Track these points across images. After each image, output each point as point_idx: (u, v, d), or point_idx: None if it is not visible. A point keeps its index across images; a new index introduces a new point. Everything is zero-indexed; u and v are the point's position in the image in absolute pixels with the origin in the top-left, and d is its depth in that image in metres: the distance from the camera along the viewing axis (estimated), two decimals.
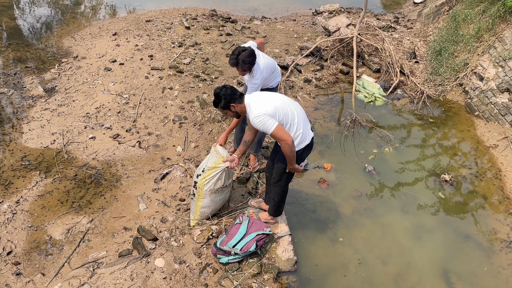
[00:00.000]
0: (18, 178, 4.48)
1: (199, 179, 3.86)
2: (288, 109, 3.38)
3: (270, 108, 3.27)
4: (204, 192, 3.86)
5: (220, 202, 4.11)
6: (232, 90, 3.37)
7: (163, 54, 7.04)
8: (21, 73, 6.37)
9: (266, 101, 3.32)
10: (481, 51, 6.87)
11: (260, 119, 3.21)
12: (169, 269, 3.62)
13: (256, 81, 4.11)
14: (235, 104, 3.36)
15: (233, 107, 3.38)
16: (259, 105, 3.28)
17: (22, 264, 3.62)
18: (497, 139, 5.77)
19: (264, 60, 4.20)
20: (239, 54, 3.90)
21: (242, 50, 3.91)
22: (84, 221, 4.06)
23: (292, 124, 3.40)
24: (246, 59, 3.90)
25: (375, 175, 5.13)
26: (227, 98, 3.34)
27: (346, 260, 4.08)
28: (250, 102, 3.35)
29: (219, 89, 3.39)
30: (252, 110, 3.28)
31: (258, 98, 3.37)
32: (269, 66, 4.26)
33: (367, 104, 6.59)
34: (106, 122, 5.38)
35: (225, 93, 3.35)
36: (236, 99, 3.36)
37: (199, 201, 3.93)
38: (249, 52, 3.91)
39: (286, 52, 7.60)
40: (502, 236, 4.44)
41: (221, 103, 3.36)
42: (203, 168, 3.88)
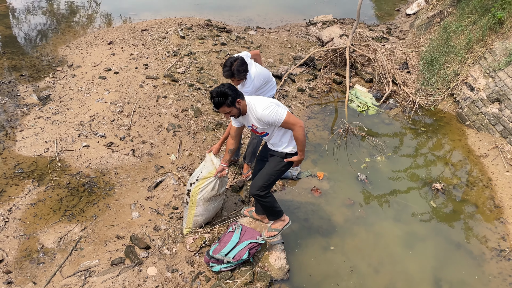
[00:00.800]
0: (11, 186, 4.47)
1: (192, 187, 3.88)
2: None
3: (273, 100, 3.38)
4: (198, 200, 3.87)
5: (214, 210, 4.12)
6: (233, 87, 3.34)
7: (158, 63, 7.08)
8: (15, 81, 6.38)
9: (267, 98, 3.45)
10: (472, 61, 6.98)
11: (270, 109, 3.24)
12: (162, 277, 3.62)
13: (246, 89, 4.13)
14: (240, 100, 3.33)
15: (238, 103, 3.32)
16: (263, 99, 3.35)
17: (13, 272, 3.60)
18: (488, 148, 5.84)
19: (256, 70, 4.23)
20: (231, 64, 3.95)
21: (234, 60, 3.96)
22: (76, 230, 4.06)
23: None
24: (240, 68, 3.95)
25: (368, 184, 5.17)
26: (233, 94, 3.27)
27: (339, 268, 4.10)
28: (251, 99, 3.38)
29: (221, 87, 3.30)
30: (258, 104, 3.31)
31: (258, 97, 3.45)
32: (262, 75, 4.29)
33: (360, 113, 6.66)
34: (100, 130, 5.39)
35: (229, 90, 3.27)
36: (240, 94, 3.34)
37: (192, 209, 3.94)
38: (241, 61, 3.97)
39: (280, 61, 7.68)
40: (492, 244, 4.48)
41: (229, 99, 3.24)
42: (197, 177, 3.90)
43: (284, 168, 3.64)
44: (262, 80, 4.30)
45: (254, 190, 3.64)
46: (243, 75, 4.01)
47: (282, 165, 3.61)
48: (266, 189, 3.64)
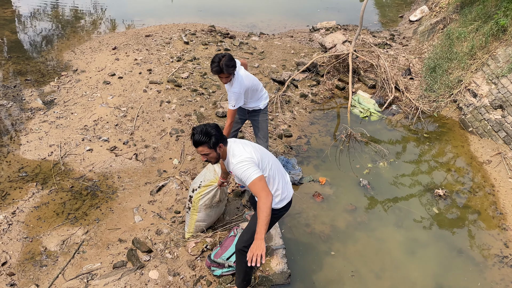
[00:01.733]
0: (15, 189, 4.51)
1: (194, 194, 3.92)
2: (268, 164, 3.11)
3: (255, 155, 2.99)
4: (199, 207, 3.91)
5: (215, 215, 4.15)
6: (219, 130, 3.02)
7: (161, 68, 7.14)
8: (20, 86, 6.45)
9: (250, 148, 3.05)
10: (475, 68, 6.99)
11: (243, 165, 2.87)
12: (163, 281, 3.63)
13: (235, 89, 4.06)
14: (223, 144, 3.01)
15: (219, 148, 3.00)
16: (243, 151, 2.98)
17: (16, 275, 3.63)
18: (491, 155, 5.83)
19: (246, 72, 4.21)
20: (220, 60, 3.88)
21: (222, 56, 3.90)
22: (79, 233, 4.08)
23: (272, 181, 3.10)
24: (229, 63, 3.89)
25: (370, 190, 5.18)
26: (217, 135, 2.96)
27: (340, 273, 4.09)
28: (233, 146, 3.04)
29: (206, 126, 2.98)
30: (236, 154, 2.97)
31: (241, 145, 3.06)
32: (251, 78, 4.24)
33: (362, 119, 6.67)
34: (104, 134, 5.44)
35: (214, 130, 2.96)
36: (224, 139, 3.03)
37: (194, 215, 3.97)
38: (229, 56, 3.92)
39: (283, 67, 7.72)
40: (495, 251, 4.46)
41: (212, 140, 2.92)
42: (199, 184, 3.93)
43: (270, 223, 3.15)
44: (251, 82, 4.22)
45: (240, 245, 3.26)
46: (231, 70, 3.93)
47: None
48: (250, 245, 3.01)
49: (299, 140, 5.95)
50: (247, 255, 2.71)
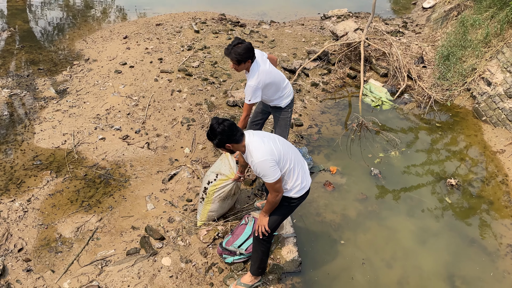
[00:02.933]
0: (30, 177, 4.58)
1: (209, 186, 3.92)
2: (288, 155, 3.12)
3: (275, 153, 2.97)
4: (214, 198, 3.94)
5: (228, 207, 4.21)
6: (230, 129, 2.92)
7: (172, 57, 7.14)
8: (33, 75, 6.51)
9: (269, 144, 2.99)
10: (489, 56, 6.86)
11: (263, 164, 2.89)
12: (176, 268, 3.69)
13: (250, 83, 3.87)
14: (232, 144, 2.98)
15: (228, 147, 3.00)
16: (263, 148, 2.93)
17: (32, 261, 3.71)
18: (504, 144, 5.76)
19: (268, 67, 4.00)
20: (235, 45, 3.72)
21: (240, 42, 3.73)
22: (93, 220, 4.15)
23: (292, 172, 3.13)
24: (239, 51, 3.69)
25: (381, 179, 5.16)
26: (223, 137, 2.92)
27: (351, 262, 4.11)
28: (252, 142, 2.98)
29: (217, 124, 2.93)
30: (254, 152, 2.93)
31: (260, 139, 3.00)
32: (272, 75, 4.02)
33: (374, 108, 6.62)
34: (116, 123, 5.48)
35: (222, 131, 2.90)
36: (234, 139, 2.95)
37: (207, 205, 4.00)
38: (245, 46, 3.71)
39: (294, 56, 7.66)
40: (507, 241, 4.43)
41: (215, 141, 2.94)
42: (214, 177, 3.92)
43: (286, 211, 3.33)
44: (272, 79, 4.00)
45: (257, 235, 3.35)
46: (236, 58, 3.71)
47: (284, 208, 3.29)
48: (269, 233, 3.32)
49: (310, 129, 5.93)
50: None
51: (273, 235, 3.47)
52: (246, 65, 3.84)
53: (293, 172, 3.14)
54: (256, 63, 3.90)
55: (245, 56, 3.74)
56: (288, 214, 3.39)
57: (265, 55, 4.12)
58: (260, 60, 3.96)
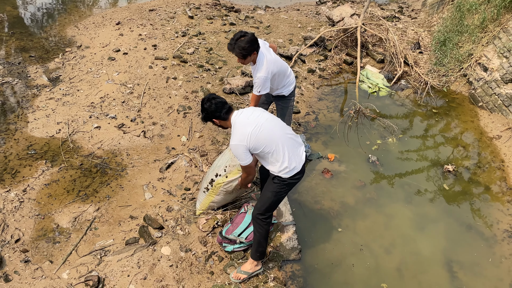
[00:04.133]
0: (25, 167, 4.51)
1: (217, 178, 3.81)
2: (274, 140, 3.15)
3: (251, 139, 3.09)
4: (219, 191, 3.85)
5: (231, 199, 4.13)
6: (217, 106, 3.16)
7: (166, 43, 7.02)
8: (25, 62, 6.38)
9: (248, 129, 3.10)
10: (486, 41, 6.84)
11: (237, 148, 3.12)
12: (175, 257, 3.67)
13: (260, 74, 3.79)
14: (218, 120, 3.23)
15: (215, 122, 3.26)
16: (240, 132, 3.12)
17: (30, 251, 3.67)
18: (501, 130, 5.78)
19: (274, 56, 3.92)
20: (237, 39, 3.61)
21: (242, 35, 3.61)
22: (90, 210, 4.10)
23: (276, 154, 3.17)
24: (243, 45, 3.59)
25: (379, 166, 5.16)
26: (208, 113, 3.20)
27: (350, 249, 4.12)
28: (236, 123, 3.17)
29: (206, 99, 3.21)
30: (234, 134, 3.15)
31: (243, 122, 3.14)
32: (279, 64, 3.97)
33: (371, 94, 6.59)
34: (111, 111, 5.40)
35: (208, 107, 3.17)
36: (218, 116, 3.18)
37: (211, 196, 3.92)
38: (249, 38, 3.60)
39: (290, 42, 7.58)
40: (504, 226, 4.47)
41: (202, 116, 3.27)
42: (223, 169, 3.80)
43: (279, 189, 3.32)
44: (279, 68, 3.94)
45: (254, 212, 3.45)
46: (241, 53, 3.63)
47: (276, 186, 3.31)
48: (265, 212, 3.40)
49: (307, 116, 5.90)
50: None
51: (271, 216, 3.47)
52: (252, 57, 3.73)
53: (277, 155, 3.18)
54: (261, 54, 3.80)
55: (250, 49, 3.64)
56: (282, 193, 3.36)
57: (267, 44, 4.03)
58: (265, 50, 3.86)
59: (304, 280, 3.79)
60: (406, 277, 3.93)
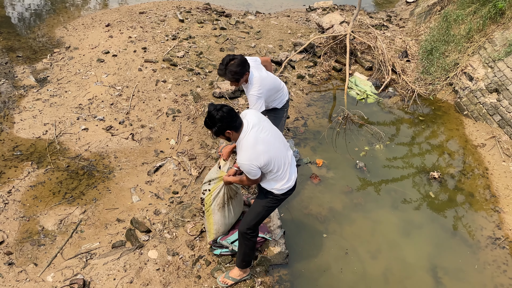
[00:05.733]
0: (10, 168, 4.45)
1: (205, 195, 3.68)
2: (281, 156, 3.09)
3: (262, 160, 2.91)
4: (213, 208, 3.65)
5: (233, 216, 3.84)
6: (230, 115, 2.84)
7: (156, 46, 7.01)
8: (12, 63, 6.30)
9: (260, 149, 2.92)
10: (472, 51, 6.98)
11: (247, 167, 2.91)
12: (162, 260, 3.65)
13: (253, 92, 3.71)
14: (231, 131, 2.89)
15: (228, 134, 2.90)
16: (250, 152, 2.90)
17: (14, 254, 3.62)
18: (485, 138, 5.89)
19: (265, 73, 3.87)
20: (227, 64, 3.53)
21: (231, 59, 3.54)
22: (76, 212, 4.06)
23: (281, 174, 3.12)
24: (234, 69, 3.52)
25: (366, 172, 5.21)
26: (223, 124, 2.83)
27: (337, 254, 4.15)
28: (244, 140, 2.92)
29: (215, 111, 2.83)
30: (242, 152, 2.91)
31: (254, 140, 2.91)
32: (271, 80, 3.92)
33: (359, 101, 6.67)
34: (99, 113, 5.36)
35: (221, 117, 2.80)
36: (233, 126, 2.87)
37: (210, 218, 3.72)
38: (239, 61, 3.53)
39: (280, 47, 7.63)
40: (488, 233, 4.55)
41: (215, 128, 2.85)
42: (208, 185, 3.71)
43: (271, 204, 3.29)
44: (271, 85, 3.90)
45: (243, 227, 3.33)
46: (234, 78, 3.56)
47: (269, 201, 3.27)
48: (254, 226, 3.33)
49: (296, 122, 5.93)
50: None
51: (257, 230, 3.41)
52: (244, 78, 3.66)
53: (284, 173, 3.13)
54: (251, 73, 3.72)
55: (242, 71, 3.58)
56: (273, 208, 3.35)
57: (258, 60, 3.96)
58: (255, 68, 3.79)
59: (291, 284, 3.80)
60: (391, 282, 3.96)
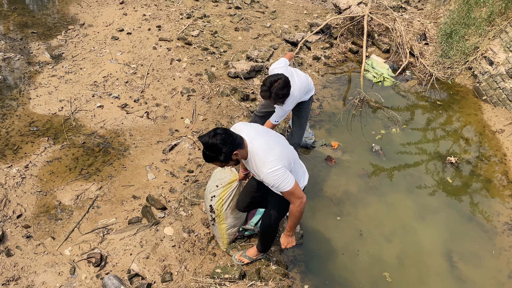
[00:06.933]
0: (27, 143, 4.47)
1: (214, 201, 3.44)
2: (292, 154, 2.86)
3: (284, 157, 2.62)
4: (225, 213, 3.44)
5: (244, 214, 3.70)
6: (228, 134, 2.49)
7: (171, 25, 6.93)
8: (27, 39, 6.28)
9: (277, 148, 2.63)
10: (492, 35, 6.80)
11: (277, 174, 2.52)
12: (178, 237, 3.67)
13: (287, 107, 3.64)
14: (239, 150, 2.54)
15: (235, 155, 2.53)
16: (271, 156, 2.55)
17: (32, 227, 3.66)
18: (504, 124, 5.78)
19: (298, 82, 3.72)
20: (271, 85, 3.34)
21: (275, 80, 3.34)
22: (93, 188, 4.08)
23: (296, 167, 2.88)
24: (280, 92, 3.36)
25: (382, 155, 5.15)
26: (227, 149, 2.46)
27: (351, 236, 4.14)
28: (255, 148, 2.59)
29: (211, 138, 2.45)
30: (262, 161, 2.54)
31: (264, 144, 2.61)
32: (302, 86, 3.79)
33: (375, 84, 6.56)
34: (114, 91, 5.34)
35: (222, 140, 2.44)
36: (238, 144, 2.52)
37: (222, 224, 3.51)
38: (283, 83, 3.35)
39: (296, 28, 7.50)
40: (504, 219, 4.50)
41: (221, 157, 2.47)
42: (216, 188, 3.45)
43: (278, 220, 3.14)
44: (303, 91, 3.81)
45: (265, 228, 3.22)
46: (281, 100, 3.44)
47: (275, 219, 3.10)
48: (276, 222, 3.19)
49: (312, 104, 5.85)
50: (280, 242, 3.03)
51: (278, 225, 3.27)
52: None
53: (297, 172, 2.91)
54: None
55: (288, 93, 3.43)
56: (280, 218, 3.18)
57: (286, 62, 3.81)
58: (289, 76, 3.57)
59: (306, 264, 3.80)
60: (406, 265, 3.95)
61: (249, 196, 3.31)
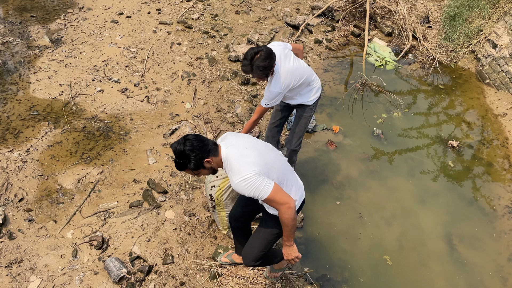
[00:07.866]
0: (27, 127, 4.47)
1: (214, 191, 3.43)
2: (277, 166, 2.52)
3: (260, 163, 2.36)
4: (225, 202, 3.45)
5: None
6: (199, 140, 2.34)
7: (171, 8, 6.85)
8: (26, 23, 6.22)
9: (252, 154, 2.39)
10: (496, 18, 6.70)
11: (248, 182, 2.29)
12: (179, 221, 3.69)
13: (275, 88, 3.32)
14: (212, 158, 2.38)
15: (208, 163, 2.37)
16: (244, 161, 2.34)
17: (34, 211, 3.68)
18: (507, 107, 5.74)
19: (292, 63, 3.38)
20: (252, 58, 3.09)
21: (256, 52, 3.09)
22: (94, 172, 4.09)
23: (286, 180, 2.58)
24: (262, 64, 3.08)
25: (383, 139, 5.14)
26: (197, 156, 2.30)
27: (351, 219, 4.16)
28: (229, 155, 2.38)
29: (180, 144, 2.32)
30: (234, 170, 2.33)
31: (238, 151, 2.40)
32: (299, 72, 3.42)
33: (378, 68, 6.50)
34: (114, 75, 5.32)
35: (191, 147, 2.29)
36: (209, 151, 2.35)
37: (222, 211, 3.55)
38: (265, 53, 3.09)
39: (297, 11, 7.41)
40: (505, 202, 4.50)
41: (191, 165, 2.33)
42: (215, 178, 3.45)
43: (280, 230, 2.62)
44: (298, 78, 3.41)
45: (250, 261, 2.83)
46: (262, 73, 3.16)
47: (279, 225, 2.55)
48: (263, 256, 2.83)
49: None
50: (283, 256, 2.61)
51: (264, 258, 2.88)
52: (272, 70, 3.25)
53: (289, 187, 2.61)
54: (277, 64, 3.28)
55: (270, 64, 3.14)
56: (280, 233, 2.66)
57: (289, 47, 3.47)
58: (283, 58, 3.34)
59: (306, 247, 3.83)
60: (406, 248, 3.97)
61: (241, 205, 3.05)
